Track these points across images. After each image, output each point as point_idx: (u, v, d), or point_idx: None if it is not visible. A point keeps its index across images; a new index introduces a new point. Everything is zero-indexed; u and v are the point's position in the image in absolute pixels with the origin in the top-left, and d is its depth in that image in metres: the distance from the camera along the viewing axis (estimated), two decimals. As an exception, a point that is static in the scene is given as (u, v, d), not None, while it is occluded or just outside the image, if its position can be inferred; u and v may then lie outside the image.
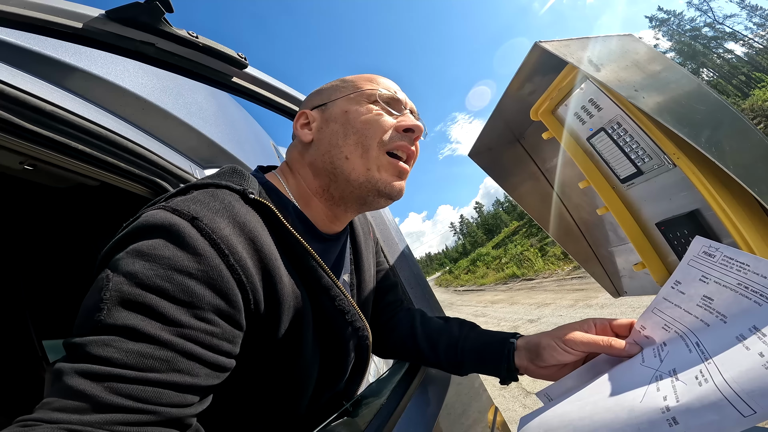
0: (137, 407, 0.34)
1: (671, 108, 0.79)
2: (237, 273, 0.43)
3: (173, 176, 1.05)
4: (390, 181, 0.59)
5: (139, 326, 0.36)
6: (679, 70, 0.91)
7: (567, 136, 1.08)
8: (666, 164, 0.90)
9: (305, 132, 0.62)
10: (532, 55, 0.86)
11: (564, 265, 14.17)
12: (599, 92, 0.94)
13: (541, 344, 0.58)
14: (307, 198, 0.62)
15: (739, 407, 0.31)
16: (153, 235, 0.41)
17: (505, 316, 8.38)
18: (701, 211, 0.92)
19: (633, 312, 4.84)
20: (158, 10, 0.51)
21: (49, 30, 0.49)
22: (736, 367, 0.34)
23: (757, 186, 0.72)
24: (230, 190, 0.50)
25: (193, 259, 0.40)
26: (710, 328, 0.42)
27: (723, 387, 0.33)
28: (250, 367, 0.50)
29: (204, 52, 0.62)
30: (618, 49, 0.87)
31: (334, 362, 0.60)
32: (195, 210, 0.43)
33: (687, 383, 0.36)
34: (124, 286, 0.38)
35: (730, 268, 0.43)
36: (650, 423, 0.35)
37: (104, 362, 0.35)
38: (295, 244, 0.52)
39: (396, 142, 0.59)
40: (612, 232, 1.31)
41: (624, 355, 0.50)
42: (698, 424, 0.32)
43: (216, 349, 0.41)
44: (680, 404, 0.34)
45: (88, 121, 0.72)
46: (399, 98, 0.62)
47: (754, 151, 0.83)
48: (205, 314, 0.40)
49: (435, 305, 1.07)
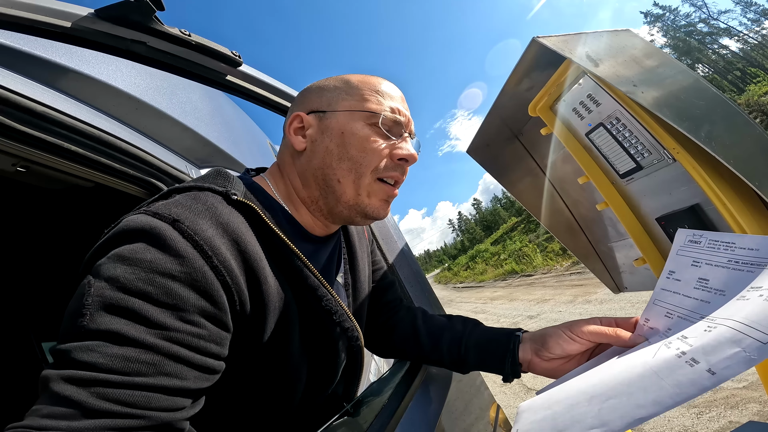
0: (126, 412, 0.34)
1: (670, 103, 0.78)
2: (221, 274, 0.43)
3: (169, 176, 1.04)
4: (378, 206, 0.60)
5: (123, 330, 0.36)
6: (676, 65, 0.90)
7: (566, 132, 1.08)
8: (666, 159, 0.90)
9: (299, 139, 0.59)
10: (530, 50, 0.86)
11: (563, 261, 14.21)
12: (597, 87, 0.93)
13: (548, 333, 0.58)
14: (296, 203, 0.61)
15: (756, 336, 0.31)
16: (134, 239, 0.41)
17: (504, 313, 8.40)
18: (702, 206, 0.92)
19: (632, 307, 4.86)
20: (149, 8, 0.50)
21: (37, 30, 0.48)
22: (742, 311, 0.35)
23: (757, 180, 0.72)
24: (213, 192, 0.49)
25: (175, 262, 0.40)
26: (711, 304, 0.43)
27: (734, 324, 0.34)
28: (240, 369, 0.50)
29: (197, 50, 0.61)
30: (616, 44, 0.86)
31: (323, 363, 0.59)
32: (176, 213, 0.43)
33: (698, 336, 0.36)
34: (106, 290, 0.37)
35: (718, 249, 0.46)
36: (669, 368, 0.34)
37: (89, 367, 0.34)
38: (281, 245, 0.52)
39: (389, 172, 0.59)
40: (612, 227, 1.30)
41: (629, 345, 0.50)
42: (720, 358, 0.32)
43: (203, 351, 0.41)
44: (695, 347, 0.34)
45: (80, 122, 0.71)
46: (401, 120, 0.60)
47: (753, 145, 0.83)
48: (190, 316, 0.40)
49: (435, 303, 1.07)
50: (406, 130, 0.61)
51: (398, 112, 0.59)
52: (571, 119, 1.05)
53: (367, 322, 0.80)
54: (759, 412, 2.16)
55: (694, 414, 2.37)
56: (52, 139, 0.69)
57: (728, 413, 2.25)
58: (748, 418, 2.15)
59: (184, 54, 0.61)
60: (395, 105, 0.60)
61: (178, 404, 0.38)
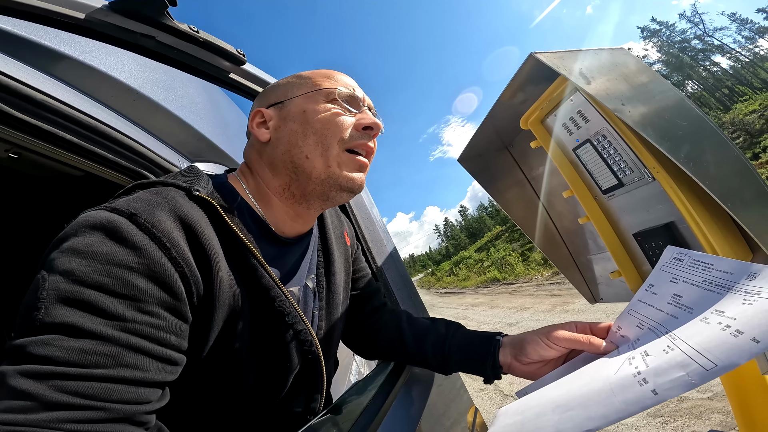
0: (84, 404, 0.34)
1: (654, 122, 0.82)
2: (180, 266, 0.43)
3: (161, 169, 1.03)
4: (350, 175, 0.60)
5: (79, 323, 0.36)
6: (665, 84, 0.94)
7: (554, 146, 1.12)
8: (646, 177, 0.95)
9: (262, 131, 0.61)
10: (526, 65, 0.89)
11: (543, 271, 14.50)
12: (588, 104, 0.97)
13: (526, 339, 0.61)
14: (268, 198, 0.61)
15: (701, 362, 0.35)
16: (89, 233, 0.40)
17: (485, 319, 8.51)
18: (676, 224, 0.97)
19: (607, 317, 4.99)
20: (162, 3, 0.51)
21: (52, 20, 0.48)
22: (698, 335, 0.39)
23: (730, 201, 0.76)
24: (176, 187, 0.50)
25: (132, 253, 0.40)
26: (678, 319, 0.46)
27: (687, 350, 0.37)
28: (191, 363, 0.49)
29: (204, 47, 0.62)
30: (609, 62, 0.90)
31: (273, 365, 0.58)
32: (134, 207, 0.43)
33: (656, 355, 0.40)
34: (61, 284, 0.37)
35: (697, 269, 0.48)
36: (623, 386, 0.38)
37: (46, 361, 0.34)
38: (238, 242, 0.52)
39: (356, 141, 0.60)
40: (592, 240, 1.35)
41: (601, 352, 0.53)
42: (666, 380, 0.35)
43: (164, 343, 0.41)
44: (650, 368, 0.38)
45: (77, 111, 0.70)
46: (357, 96, 0.62)
47: (729, 167, 0.88)
48: (149, 307, 0.40)
49: (420, 307, 1.09)
50: (364, 104, 0.63)
51: (353, 89, 0.62)
52: (560, 134, 1.10)
53: (353, 325, 0.82)
54: (722, 422, 2.26)
55: (659, 423, 2.46)
56: (48, 127, 0.68)
57: (692, 423, 2.35)
58: (710, 428, 2.25)
59: (190, 50, 0.61)
60: (349, 84, 0.63)
61: (141, 397, 0.38)
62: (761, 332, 0.33)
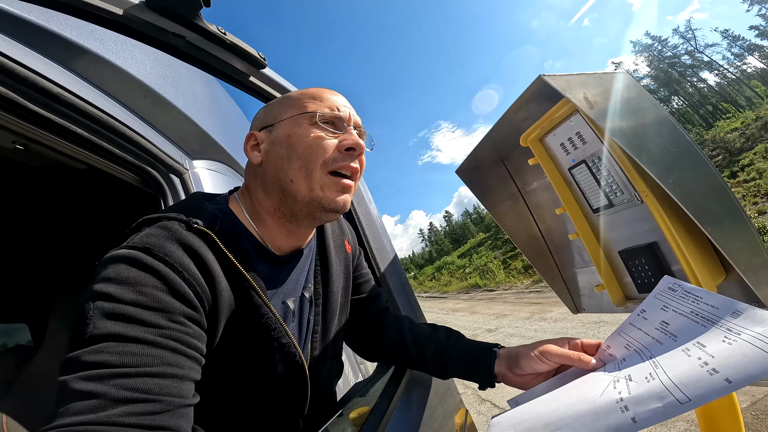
0: (145, 398, 0.39)
1: (648, 148, 0.87)
2: (192, 285, 0.50)
3: (164, 165, 1.03)
4: (333, 197, 0.63)
5: (124, 332, 0.42)
6: (661, 111, 0.99)
7: (551, 165, 1.17)
8: (635, 200, 1.00)
9: (255, 154, 0.65)
10: (534, 85, 0.93)
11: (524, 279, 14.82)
12: (586, 126, 1.02)
13: (521, 353, 0.65)
14: (262, 218, 0.65)
15: (677, 396, 0.38)
16: (115, 265, 0.47)
17: (465, 325, 8.63)
18: (659, 244, 1.03)
19: (583, 326, 5.18)
20: (197, 3, 0.52)
21: (91, 15, 0.48)
22: (678, 367, 0.42)
23: (710, 226, 0.82)
24: (179, 221, 0.56)
25: (154, 276, 0.47)
26: (663, 345, 0.50)
27: (666, 382, 0.41)
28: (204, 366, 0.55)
29: (229, 49, 0.63)
30: (612, 87, 0.94)
31: (263, 369, 0.63)
32: (147, 242, 0.50)
33: (638, 382, 0.44)
34: (103, 303, 0.43)
35: (687, 300, 0.52)
36: (606, 411, 0.42)
37: (103, 366, 0.39)
38: (233, 267, 0.58)
39: (339, 163, 0.62)
40: (578, 255, 1.41)
41: (589, 369, 0.57)
42: (644, 410, 0.39)
43: (192, 346, 0.48)
44: (631, 396, 0.42)
45: (91, 105, 0.70)
46: (341, 115, 0.64)
47: (714, 196, 0.94)
48: (177, 317, 0.47)
49: (419, 312, 1.12)
50: (349, 124, 0.66)
51: (337, 109, 0.64)
52: (557, 153, 1.15)
53: (356, 329, 0.86)
54: (686, 430, 2.38)
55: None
56: (58, 119, 0.67)
57: (657, 430, 2.46)
58: (676, 437, 2.37)
59: (215, 51, 0.62)
60: (334, 104, 0.65)
61: (183, 391, 0.44)
62: (735, 374, 0.37)
